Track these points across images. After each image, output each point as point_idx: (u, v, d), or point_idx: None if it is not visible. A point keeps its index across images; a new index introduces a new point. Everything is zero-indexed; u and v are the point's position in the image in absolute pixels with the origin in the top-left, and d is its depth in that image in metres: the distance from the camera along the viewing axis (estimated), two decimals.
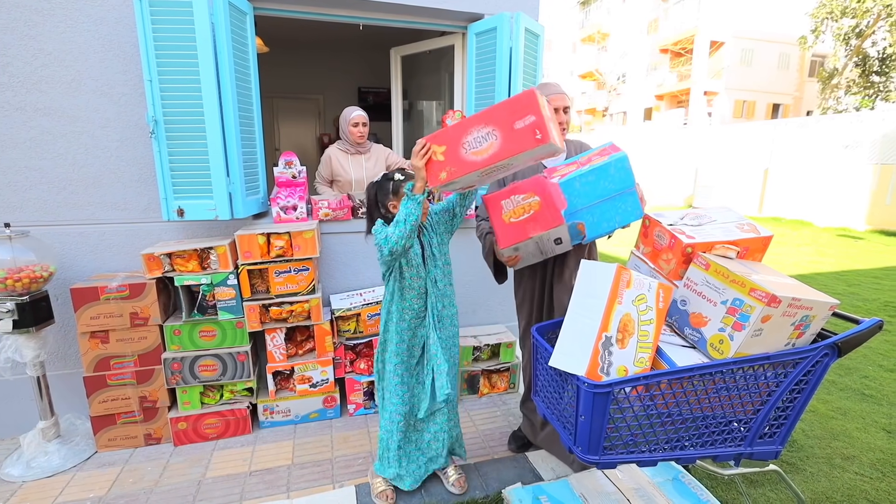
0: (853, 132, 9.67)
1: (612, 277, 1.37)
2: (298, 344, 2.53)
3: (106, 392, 2.19)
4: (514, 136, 1.38)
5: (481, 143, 1.42)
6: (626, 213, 1.66)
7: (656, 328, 1.41)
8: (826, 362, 1.37)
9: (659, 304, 1.41)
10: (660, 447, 1.43)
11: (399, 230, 1.56)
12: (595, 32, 28.61)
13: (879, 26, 15.27)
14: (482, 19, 2.80)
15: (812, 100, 20.98)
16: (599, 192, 1.62)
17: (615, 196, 1.63)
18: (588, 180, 1.62)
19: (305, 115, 6.16)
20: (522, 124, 1.36)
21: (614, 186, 1.62)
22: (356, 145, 2.90)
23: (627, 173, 1.61)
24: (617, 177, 1.62)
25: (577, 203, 1.63)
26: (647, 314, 1.39)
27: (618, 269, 1.38)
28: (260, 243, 2.26)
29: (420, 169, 1.52)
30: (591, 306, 1.39)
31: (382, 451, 1.92)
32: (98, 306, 2.12)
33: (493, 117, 1.41)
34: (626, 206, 1.65)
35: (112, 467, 2.14)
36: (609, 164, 1.61)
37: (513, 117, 1.38)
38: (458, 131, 1.47)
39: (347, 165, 2.91)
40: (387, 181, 1.73)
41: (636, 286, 1.39)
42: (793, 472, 2.11)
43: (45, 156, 2.26)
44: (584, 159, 1.71)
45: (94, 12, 2.21)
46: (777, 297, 1.28)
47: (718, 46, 21.19)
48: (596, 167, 1.61)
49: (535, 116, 1.34)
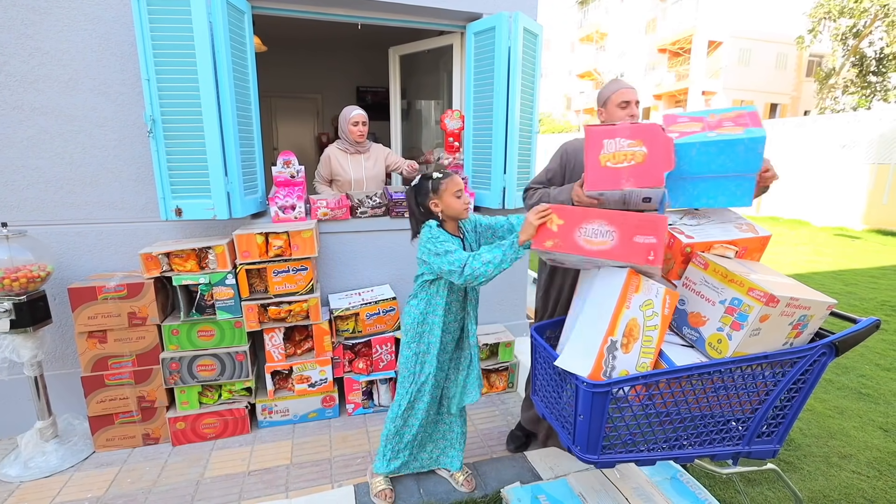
0: (850, 132, 9.69)
1: (622, 281, 1.36)
2: (297, 343, 2.52)
3: (104, 392, 2.19)
4: (629, 246, 1.39)
5: (598, 236, 1.42)
6: (732, 198, 1.48)
7: (660, 334, 1.41)
8: (823, 361, 1.38)
9: (665, 311, 1.41)
10: (658, 446, 1.43)
11: (491, 268, 1.54)
12: (593, 32, 28.64)
13: (877, 26, 15.32)
14: (481, 19, 2.80)
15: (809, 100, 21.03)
16: (716, 167, 1.45)
17: (731, 177, 1.45)
18: (708, 151, 1.44)
19: (304, 114, 6.15)
20: (643, 240, 1.37)
21: (735, 167, 1.44)
22: (356, 144, 2.90)
23: (757, 157, 1.41)
24: (743, 157, 1.42)
25: (685, 169, 1.47)
26: (653, 320, 1.39)
27: (629, 273, 1.37)
28: (258, 243, 2.26)
29: (533, 227, 1.51)
30: (600, 309, 1.39)
31: (386, 447, 1.93)
32: (96, 306, 2.11)
33: (619, 220, 1.41)
34: (736, 190, 1.47)
35: (110, 467, 2.14)
36: (740, 142, 1.41)
37: (637, 230, 1.38)
38: (581, 215, 1.45)
39: (347, 165, 2.91)
40: (426, 181, 1.72)
41: (644, 291, 1.38)
42: (790, 471, 2.12)
43: (43, 155, 2.25)
44: (713, 119, 1.51)
45: (91, 11, 2.20)
46: (775, 297, 1.28)
47: (716, 46, 21.22)
48: (724, 140, 1.42)
49: (657, 240, 1.36)
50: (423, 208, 1.73)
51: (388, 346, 2.54)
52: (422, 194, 1.72)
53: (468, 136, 2.98)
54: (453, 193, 1.69)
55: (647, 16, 24.36)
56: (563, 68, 32.82)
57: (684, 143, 1.46)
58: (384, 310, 2.53)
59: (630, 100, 1.93)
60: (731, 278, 1.39)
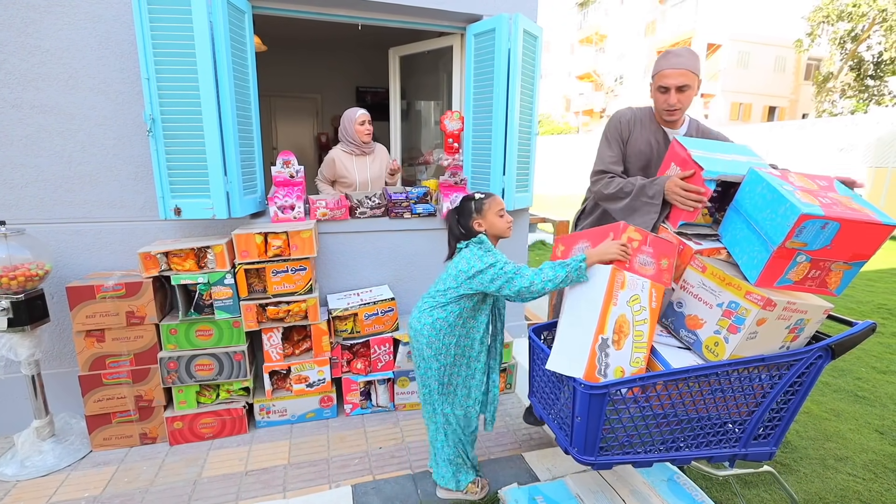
0: (848, 135, 9.74)
1: (607, 279, 1.38)
2: (295, 343, 2.52)
3: (101, 391, 2.18)
4: (658, 271, 1.49)
5: (644, 265, 1.48)
6: (749, 260, 1.39)
7: (650, 327, 1.42)
8: (820, 364, 1.39)
9: (652, 304, 1.42)
10: (655, 448, 1.44)
11: (551, 286, 1.52)
12: (593, 34, 28.70)
13: (875, 30, 15.39)
14: (481, 20, 2.81)
15: (807, 103, 21.10)
16: (759, 215, 1.36)
17: (758, 234, 1.36)
18: (764, 195, 1.35)
19: (303, 114, 6.14)
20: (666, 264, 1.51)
21: (766, 225, 1.33)
22: (362, 145, 2.89)
23: (783, 228, 1.26)
24: (778, 220, 1.29)
25: (745, 201, 1.43)
26: (642, 314, 1.41)
27: (612, 270, 1.39)
28: (257, 243, 2.26)
29: (611, 256, 1.45)
30: (588, 308, 1.40)
31: (459, 469, 1.92)
32: (94, 305, 2.11)
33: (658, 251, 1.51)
34: (754, 254, 1.37)
35: (107, 466, 2.13)
36: (783, 202, 1.28)
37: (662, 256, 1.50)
38: (637, 248, 1.48)
39: (352, 167, 2.91)
40: (468, 202, 1.75)
41: (630, 287, 1.40)
42: (787, 473, 2.13)
43: (41, 153, 2.24)
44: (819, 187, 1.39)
45: (91, 10, 2.20)
46: (772, 301, 1.29)
47: (715, 49, 21.29)
48: (779, 192, 1.30)
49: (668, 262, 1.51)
50: (464, 229, 1.75)
51: (387, 346, 2.54)
52: (465, 215, 1.74)
53: (468, 137, 2.98)
54: (497, 213, 1.72)
55: (647, 18, 24.42)
56: (562, 69, 32.87)
57: (758, 176, 1.41)
58: (382, 310, 2.53)
59: (670, 85, 1.68)
60: (729, 281, 1.39)
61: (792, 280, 1.34)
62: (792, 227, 1.22)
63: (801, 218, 1.20)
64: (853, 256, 1.31)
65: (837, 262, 1.33)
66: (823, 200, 1.28)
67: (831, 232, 1.23)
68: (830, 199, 1.30)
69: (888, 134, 9.06)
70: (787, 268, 1.31)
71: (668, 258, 1.50)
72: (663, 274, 1.49)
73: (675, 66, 1.67)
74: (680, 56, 1.69)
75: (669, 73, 1.67)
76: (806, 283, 1.36)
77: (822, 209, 1.22)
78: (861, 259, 1.32)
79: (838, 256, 1.30)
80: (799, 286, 1.36)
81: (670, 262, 1.51)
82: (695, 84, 1.71)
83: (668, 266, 1.50)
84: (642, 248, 1.47)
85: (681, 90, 1.69)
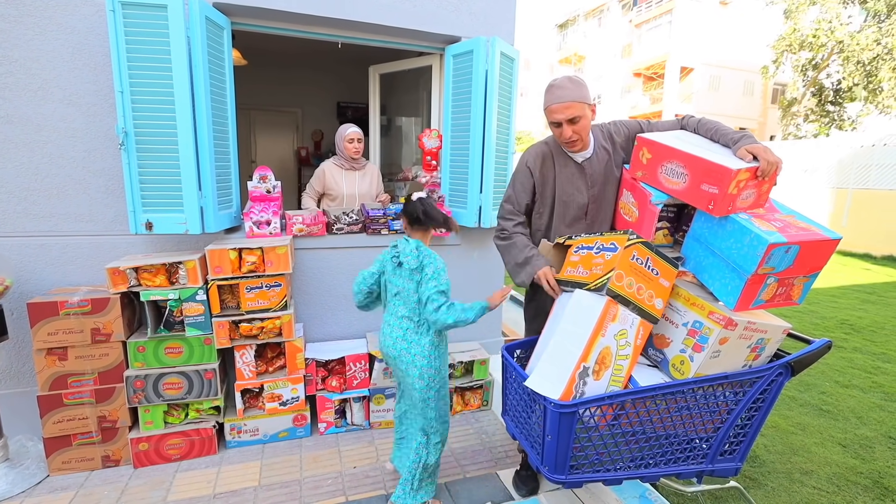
0: (812, 157, 10.22)
1: (600, 309, 1.38)
2: (269, 361, 2.47)
3: (62, 412, 2.09)
4: (696, 192, 1.48)
5: (674, 176, 1.53)
6: (723, 288, 1.43)
7: (630, 364, 1.43)
8: (780, 381, 1.44)
9: (637, 341, 1.43)
10: (624, 465, 1.45)
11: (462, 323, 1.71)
12: (572, 55, 29.51)
13: (833, 60, 16.26)
14: (459, 42, 2.87)
15: (775, 125, 22.05)
16: (725, 247, 1.43)
17: (729, 265, 1.41)
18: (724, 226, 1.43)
19: (283, 128, 6.12)
20: (707, 189, 1.44)
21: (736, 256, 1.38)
22: (351, 160, 2.98)
23: (753, 259, 1.32)
24: (745, 251, 1.35)
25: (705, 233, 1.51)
26: (626, 349, 1.41)
27: (607, 302, 1.39)
28: (231, 258, 2.23)
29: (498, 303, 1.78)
30: (576, 335, 1.39)
31: (429, 475, 1.90)
32: (57, 322, 2.03)
33: (692, 165, 1.49)
34: (728, 283, 1.41)
35: (65, 492, 2.04)
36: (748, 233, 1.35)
37: (705, 178, 1.45)
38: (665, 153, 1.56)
39: (341, 180, 2.97)
40: (441, 216, 1.87)
41: (621, 321, 1.40)
42: (755, 488, 2.18)
43: (6, 165, 2.18)
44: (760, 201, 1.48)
45: (64, 21, 2.17)
46: (733, 321, 1.34)
47: (688, 72, 22.13)
48: (741, 224, 1.38)
49: (719, 191, 1.40)
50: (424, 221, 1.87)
51: (362, 363, 2.52)
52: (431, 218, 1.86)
53: (446, 155, 3.02)
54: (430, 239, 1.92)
55: (623, 41, 25.28)
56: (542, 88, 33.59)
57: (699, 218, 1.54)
58: None
59: (559, 120, 1.65)
60: (693, 301, 1.44)
61: (764, 300, 1.43)
62: (762, 256, 1.30)
63: (769, 248, 1.28)
64: (810, 270, 1.42)
65: (798, 277, 1.44)
66: (777, 225, 1.36)
67: (793, 254, 1.33)
68: (782, 221, 1.40)
69: (848, 157, 9.54)
70: (760, 290, 1.40)
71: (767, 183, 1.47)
72: (762, 196, 1.49)
73: (560, 100, 1.64)
74: (563, 88, 1.64)
75: (556, 107, 1.64)
76: (775, 300, 1.45)
77: (784, 235, 1.30)
78: (816, 270, 1.43)
79: (799, 272, 1.41)
80: (770, 304, 1.45)
81: (769, 187, 1.49)
82: (585, 111, 1.66)
83: (767, 189, 1.48)
84: (671, 160, 1.53)
85: (572, 122, 1.65)
